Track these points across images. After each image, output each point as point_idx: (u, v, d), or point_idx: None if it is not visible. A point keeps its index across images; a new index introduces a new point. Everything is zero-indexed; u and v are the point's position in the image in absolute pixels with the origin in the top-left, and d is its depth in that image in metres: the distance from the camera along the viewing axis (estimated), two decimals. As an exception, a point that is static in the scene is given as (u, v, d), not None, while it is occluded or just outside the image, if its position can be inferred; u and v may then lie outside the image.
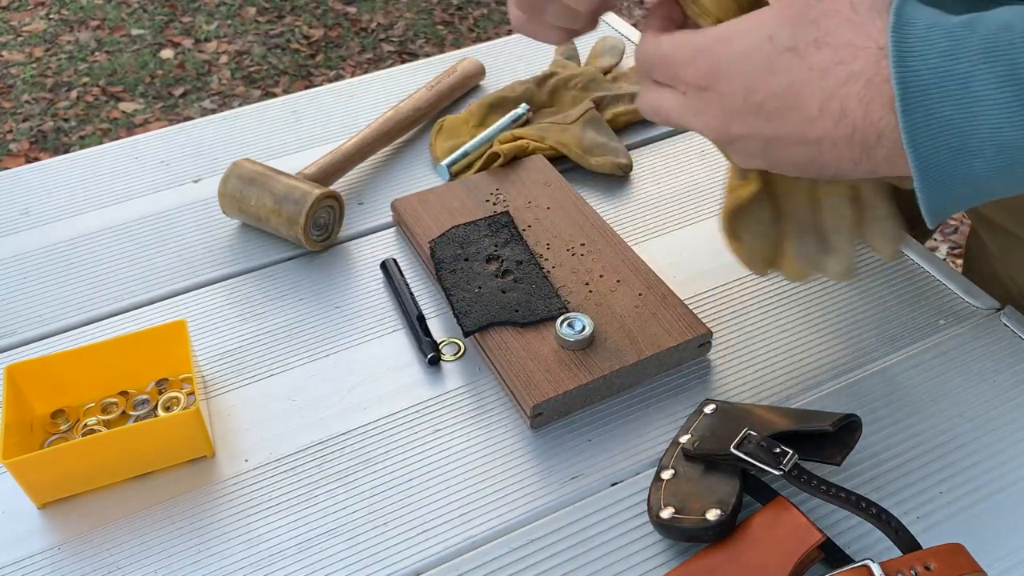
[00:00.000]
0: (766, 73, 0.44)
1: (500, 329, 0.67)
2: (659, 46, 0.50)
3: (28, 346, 0.70)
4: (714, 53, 0.46)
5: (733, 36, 0.46)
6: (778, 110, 0.45)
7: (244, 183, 0.76)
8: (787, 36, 0.43)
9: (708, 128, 0.48)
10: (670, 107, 0.50)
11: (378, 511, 0.59)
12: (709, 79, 0.47)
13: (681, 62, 0.48)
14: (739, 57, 0.45)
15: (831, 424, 0.55)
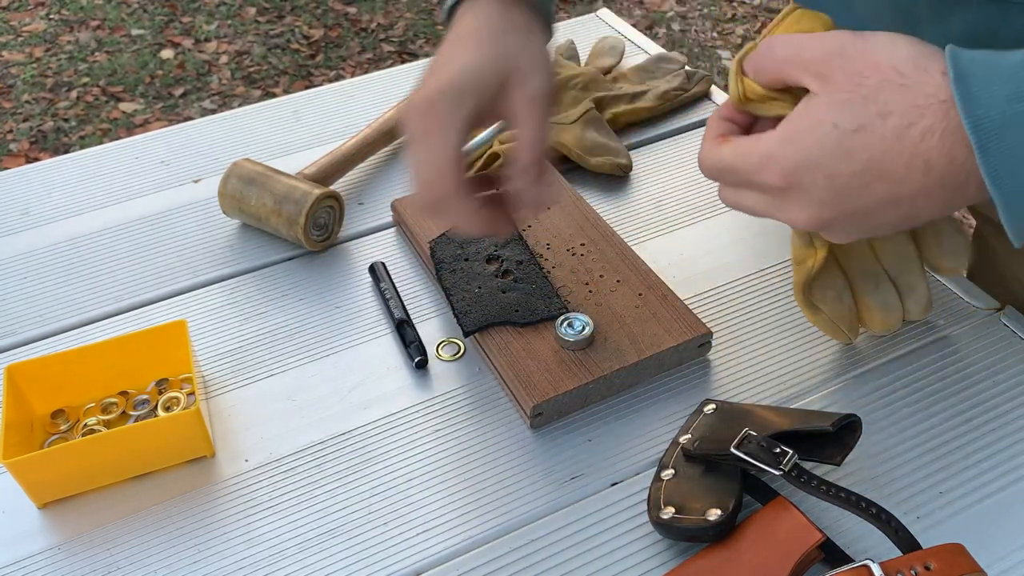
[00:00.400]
0: (843, 158, 0.46)
1: (500, 329, 0.67)
2: (722, 158, 0.51)
3: (28, 346, 0.70)
4: (784, 156, 0.48)
5: (796, 135, 0.47)
6: (865, 185, 0.46)
7: (244, 183, 0.76)
8: (850, 118, 0.45)
9: (799, 221, 0.50)
10: (753, 205, 0.52)
11: (378, 511, 0.59)
12: (787, 180, 0.48)
13: (751, 170, 0.50)
14: (811, 152, 0.47)
15: (831, 424, 0.55)
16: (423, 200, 0.57)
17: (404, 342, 0.68)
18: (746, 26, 2.91)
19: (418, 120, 0.55)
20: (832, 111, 0.46)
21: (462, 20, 0.58)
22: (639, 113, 0.91)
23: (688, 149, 0.89)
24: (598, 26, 1.07)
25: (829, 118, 0.46)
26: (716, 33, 2.89)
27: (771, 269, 0.75)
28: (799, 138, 0.47)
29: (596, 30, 1.06)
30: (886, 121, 0.45)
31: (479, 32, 0.57)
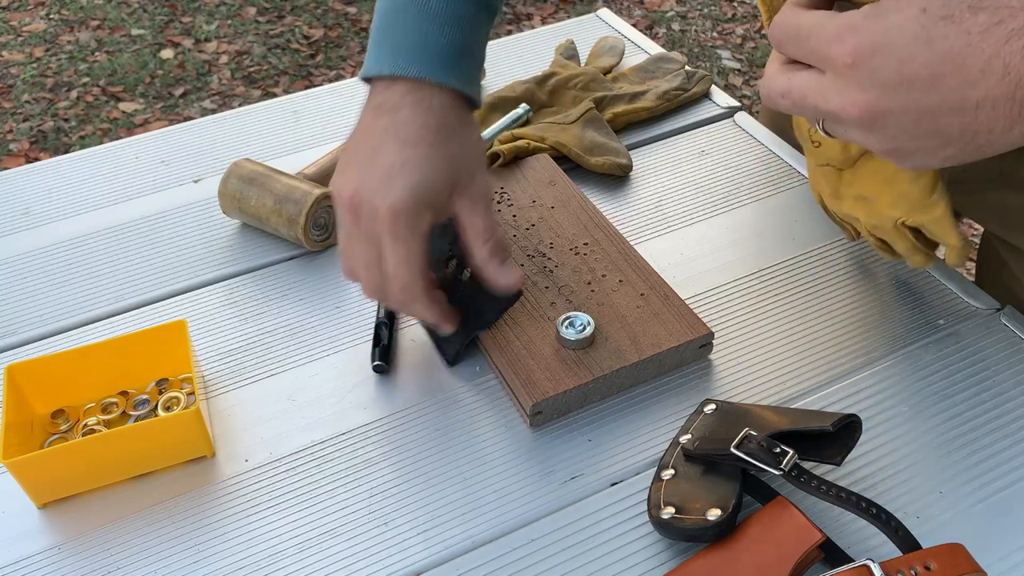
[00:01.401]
0: (922, 44, 0.43)
1: (501, 328, 0.67)
2: (800, 21, 0.48)
3: (28, 346, 0.70)
4: (864, 28, 0.45)
5: (883, 12, 0.45)
6: (936, 78, 0.44)
7: (244, 183, 0.76)
8: (940, 4, 0.43)
9: (854, 104, 0.46)
10: (805, 86, 0.49)
11: (378, 511, 0.59)
12: (859, 55, 0.45)
13: (827, 39, 0.47)
14: (893, 31, 0.44)
15: (831, 424, 0.55)
16: (397, 300, 0.61)
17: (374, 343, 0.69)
18: (746, 26, 2.91)
19: (386, 225, 0.58)
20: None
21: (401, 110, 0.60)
22: (639, 113, 0.91)
23: (688, 149, 0.89)
24: (598, 26, 1.07)
25: (919, 2, 0.44)
26: (716, 33, 2.89)
27: (771, 269, 0.75)
28: (884, 15, 0.45)
29: (596, 30, 1.06)
30: (976, 15, 0.42)
31: (426, 137, 0.60)
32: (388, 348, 0.68)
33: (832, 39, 0.46)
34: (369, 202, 0.59)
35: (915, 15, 0.44)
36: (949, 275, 0.74)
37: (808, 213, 0.80)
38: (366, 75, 0.62)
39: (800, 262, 0.76)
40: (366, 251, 0.60)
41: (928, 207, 0.62)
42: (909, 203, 0.63)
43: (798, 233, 0.79)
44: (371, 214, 0.59)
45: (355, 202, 0.59)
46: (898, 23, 0.44)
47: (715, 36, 2.87)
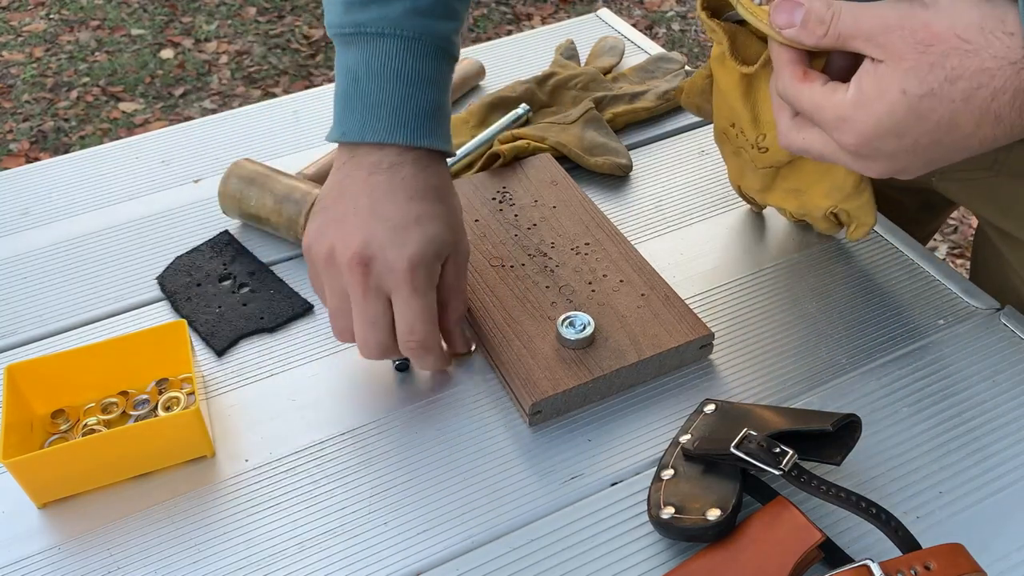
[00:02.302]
0: (914, 120, 0.47)
1: (501, 327, 0.67)
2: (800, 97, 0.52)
3: (28, 346, 0.70)
4: (857, 121, 0.49)
5: (867, 101, 0.48)
6: (934, 142, 0.48)
7: (244, 183, 0.76)
8: (918, 85, 0.46)
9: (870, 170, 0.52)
10: (823, 150, 0.53)
11: (378, 511, 0.59)
12: (860, 144, 0.50)
13: (827, 124, 0.51)
14: (883, 117, 0.48)
15: (831, 424, 0.55)
16: (413, 353, 0.61)
17: None
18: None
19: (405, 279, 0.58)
20: (899, 78, 0.47)
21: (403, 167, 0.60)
22: (639, 113, 0.91)
23: (688, 149, 0.89)
24: (598, 26, 1.07)
25: (897, 85, 0.47)
26: (716, 33, 2.88)
27: (771, 269, 0.75)
28: (870, 104, 0.48)
29: (596, 30, 1.06)
30: (955, 85, 0.45)
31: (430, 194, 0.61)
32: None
33: (834, 127, 0.50)
34: (382, 257, 0.58)
35: (898, 98, 0.47)
36: (949, 275, 0.74)
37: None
38: (347, 139, 0.61)
39: (800, 262, 0.76)
40: (374, 307, 0.59)
41: (858, 194, 0.68)
42: (842, 193, 0.68)
43: (798, 233, 0.79)
44: (385, 268, 0.58)
45: (364, 258, 0.58)
46: (885, 109, 0.48)
47: (715, 36, 2.87)
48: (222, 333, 0.70)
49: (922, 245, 0.78)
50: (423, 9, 0.60)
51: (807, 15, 0.50)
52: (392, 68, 0.60)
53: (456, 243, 0.62)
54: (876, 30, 0.48)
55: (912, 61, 0.46)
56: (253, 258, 0.76)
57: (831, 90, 0.50)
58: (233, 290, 0.73)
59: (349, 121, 0.61)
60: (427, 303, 0.59)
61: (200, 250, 0.77)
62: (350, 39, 0.61)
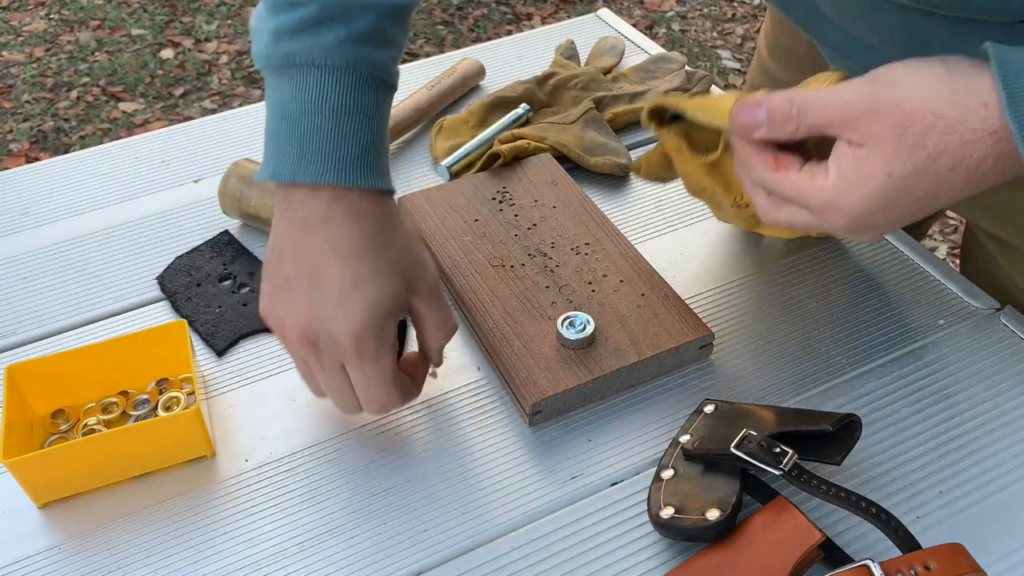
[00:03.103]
0: (902, 195, 0.47)
1: (501, 327, 0.67)
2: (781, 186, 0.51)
3: (28, 346, 0.70)
4: (846, 205, 0.49)
5: (853, 185, 0.48)
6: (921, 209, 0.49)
7: (244, 183, 0.76)
8: (902, 166, 0.46)
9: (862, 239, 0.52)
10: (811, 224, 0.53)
11: (378, 511, 0.59)
12: (851, 226, 0.50)
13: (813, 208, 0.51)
14: (869, 200, 0.48)
15: (831, 424, 0.55)
16: (378, 410, 0.59)
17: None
18: (746, 26, 2.91)
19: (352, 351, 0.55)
20: (882, 162, 0.47)
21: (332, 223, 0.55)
22: (639, 113, 0.91)
23: (688, 149, 0.89)
24: (598, 26, 1.07)
25: (882, 169, 0.47)
26: (716, 33, 2.89)
27: (771, 269, 0.75)
28: (856, 188, 0.48)
29: (596, 30, 1.06)
30: (939, 160, 0.46)
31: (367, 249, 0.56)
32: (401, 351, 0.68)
33: (822, 211, 0.50)
34: (326, 333, 0.55)
35: (884, 181, 0.47)
36: (949, 275, 0.74)
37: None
38: (278, 179, 0.57)
39: (800, 262, 0.76)
40: (334, 378, 0.57)
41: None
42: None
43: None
44: (331, 343, 0.55)
45: (310, 337, 0.55)
46: (872, 191, 0.48)
47: (715, 36, 2.87)
48: (222, 333, 0.70)
49: (921, 244, 0.78)
50: (358, 37, 0.56)
51: (772, 113, 0.50)
52: (325, 102, 0.56)
53: (413, 282, 0.58)
54: (849, 117, 0.48)
55: (893, 144, 0.46)
56: (253, 258, 0.76)
57: (810, 175, 0.50)
58: (233, 290, 0.73)
59: (280, 159, 0.56)
60: (379, 369, 0.56)
61: (200, 250, 0.77)
62: (280, 71, 0.57)
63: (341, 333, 0.55)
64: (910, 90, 0.46)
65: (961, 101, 0.45)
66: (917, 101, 0.46)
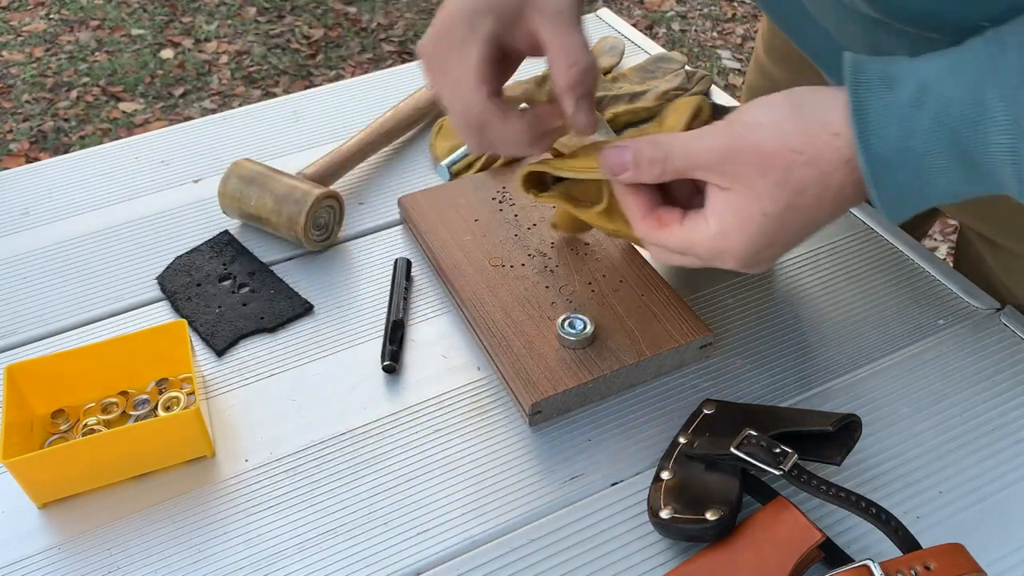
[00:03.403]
0: (781, 229, 0.50)
1: (501, 328, 0.67)
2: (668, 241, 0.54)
3: (28, 346, 0.70)
4: (731, 249, 0.51)
5: (731, 230, 0.51)
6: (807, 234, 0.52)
7: (244, 183, 0.76)
8: (773, 205, 0.49)
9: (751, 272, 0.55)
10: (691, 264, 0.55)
11: (378, 511, 0.59)
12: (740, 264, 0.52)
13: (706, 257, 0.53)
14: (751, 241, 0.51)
15: (831, 424, 0.55)
16: (461, 126, 0.55)
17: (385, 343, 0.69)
18: (746, 26, 2.91)
19: (431, 48, 0.54)
20: (754, 203, 0.49)
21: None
22: (639, 113, 0.91)
23: (688, 149, 0.89)
24: (598, 26, 1.07)
25: (756, 209, 0.49)
26: (716, 33, 2.89)
27: (771, 269, 0.75)
28: (737, 232, 0.50)
29: (596, 30, 1.06)
30: (805, 194, 0.49)
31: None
32: (399, 349, 0.68)
33: (711, 258, 0.53)
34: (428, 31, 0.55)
35: (761, 220, 0.50)
36: (949, 275, 0.74)
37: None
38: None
39: (800, 262, 0.76)
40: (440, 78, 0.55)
41: None
42: None
43: (798, 233, 0.79)
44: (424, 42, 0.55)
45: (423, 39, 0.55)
46: (753, 232, 0.50)
47: (715, 36, 2.87)
48: (222, 333, 0.70)
49: (921, 244, 0.78)
50: None
51: (637, 156, 0.52)
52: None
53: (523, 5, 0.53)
54: (713, 161, 0.50)
55: (760, 186, 0.49)
56: (253, 258, 0.76)
57: (692, 228, 0.52)
58: (233, 290, 0.73)
59: None
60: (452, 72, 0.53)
61: (200, 250, 0.77)
62: None
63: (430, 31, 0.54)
64: (767, 131, 0.49)
65: (813, 132, 0.48)
66: (775, 140, 0.48)
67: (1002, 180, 0.46)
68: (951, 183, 0.47)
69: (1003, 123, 0.43)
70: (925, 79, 0.45)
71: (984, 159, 0.45)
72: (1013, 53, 0.43)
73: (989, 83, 0.43)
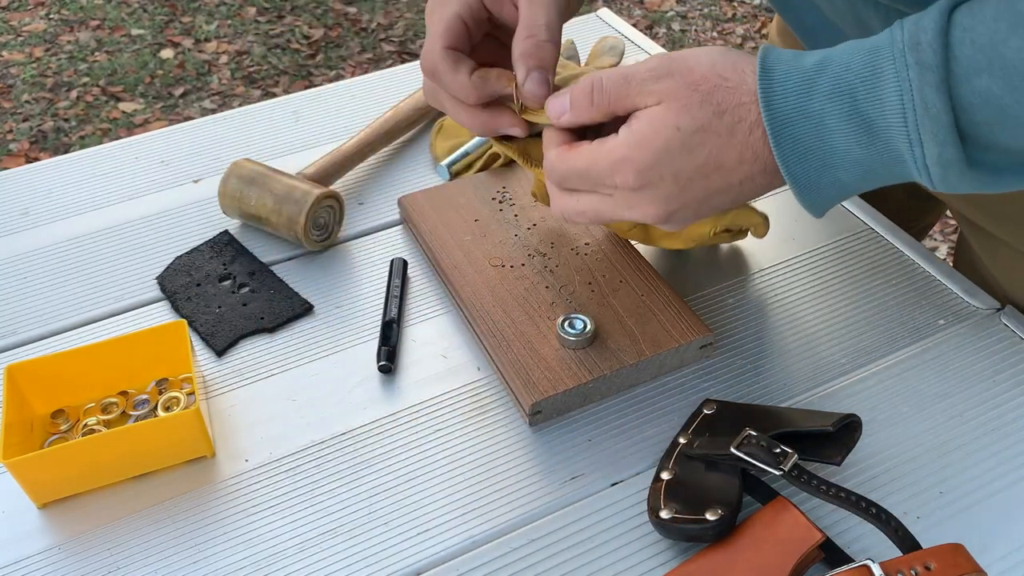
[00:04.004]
0: (687, 154, 0.51)
1: (501, 328, 0.67)
2: (573, 164, 0.54)
3: (28, 346, 0.70)
4: (636, 159, 0.51)
5: (644, 140, 0.51)
6: (704, 176, 0.52)
7: (244, 183, 0.76)
8: (690, 120, 0.50)
9: (647, 216, 0.54)
10: (599, 208, 0.55)
11: (378, 511, 0.59)
12: (640, 181, 0.52)
13: (604, 173, 0.53)
14: (660, 152, 0.51)
15: (831, 424, 0.55)
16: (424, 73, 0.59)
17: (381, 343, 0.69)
18: (746, 26, 2.91)
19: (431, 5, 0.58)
20: (673, 116, 0.50)
21: None
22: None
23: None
24: (598, 26, 1.07)
25: (672, 122, 0.50)
26: (716, 33, 2.89)
27: (771, 269, 0.75)
28: (647, 142, 0.51)
29: (596, 30, 1.06)
30: (721, 119, 0.50)
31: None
32: (395, 349, 0.68)
33: (612, 172, 0.52)
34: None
35: (672, 134, 0.51)
36: (949, 275, 0.74)
37: (808, 213, 0.80)
38: None
39: (800, 262, 0.76)
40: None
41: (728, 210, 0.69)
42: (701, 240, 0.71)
43: (798, 233, 0.79)
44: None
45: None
46: (662, 145, 0.51)
47: (715, 36, 2.87)
48: (222, 333, 0.70)
49: (921, 244, 0.78)
50: None
51: (574, 96, 0.54)
52: None
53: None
54: (648, 81, 0.51)
55: (685, 99, 0.50)
56: (253, 258, 0.76)
57: (600, 143, 0.53)
58: (233, 290, 0.73)
59: None
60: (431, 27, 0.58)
61: (200, 250, 0.77)
62: None
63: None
64: (700, 58, 0.51)
65: (740, 67, 0.50)
66: (707, 65, 0.51)
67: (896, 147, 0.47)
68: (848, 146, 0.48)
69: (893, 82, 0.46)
70: (830, 53, 0.49)
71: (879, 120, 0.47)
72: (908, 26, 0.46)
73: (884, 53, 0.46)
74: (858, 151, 0.48)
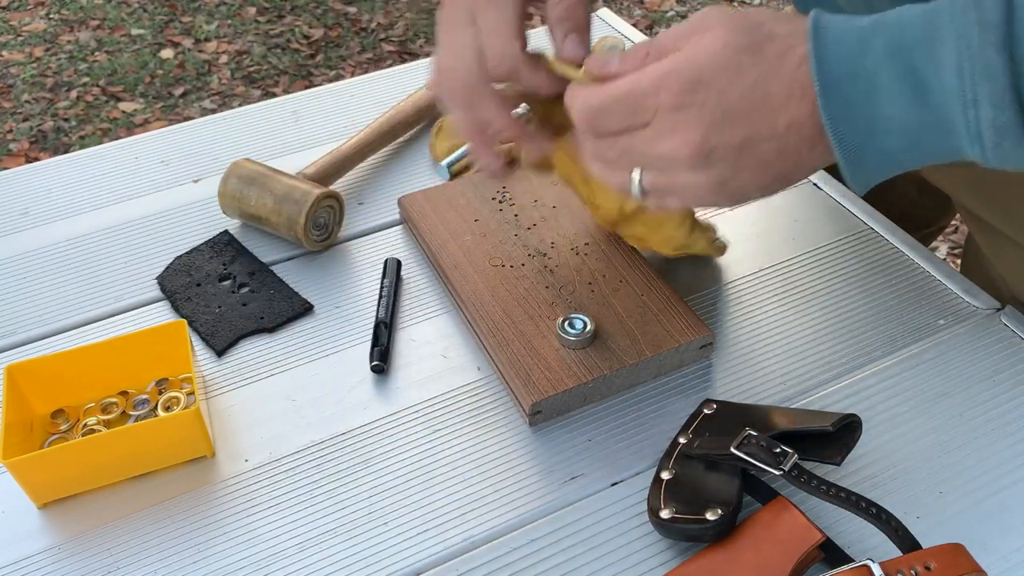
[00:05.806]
0: (733, 74, 0.48)
1: (501, 328, 0.67)
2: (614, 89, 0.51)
3: (28, 346, 0.70)
4: (680, 71, 0.49)
5: (690, 55, 0.49)
6: (749, 109, 0.48)
7: (244, 183, 0.76)
8: (739, 38, 0.48)
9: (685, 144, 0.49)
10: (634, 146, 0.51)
11: (378, 511, 0.59)
12: (683, 94, 0.49)
13: (645, 92, 0.50)
14: (704, 68, 0.48)
15: (831, 424, 0.55)
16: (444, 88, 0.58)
17: (373, 343, 0.69)
18: (746, 26, 2.91)
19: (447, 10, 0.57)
20: (723, 34, 0.48)
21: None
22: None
23: (688, 149, 0.89)
24: (598, 26, 1.07)
25: (720, 39, 0.48)
26: (716, 33, 2.88)
27: (771, 269, 0.75)
28: (693, 57, 0.49)
29: (596, 30, 1.06)
30: (772, 42, 0.48)
31: None
32: (387, 348, 0.68)
33: (654, 90, 0.49)
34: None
35: (719, 50, 0.48)
36: (949, 275, 0.74)
37: (808, 213, 0.80)
38: None
39: (800, 262, 0.76)
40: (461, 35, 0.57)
41: (691, 243, 0.71)
42: (676, 243, 0.70)
43: (798, 233, 0.79)
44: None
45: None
46: (707, 61, 0.48)
47: (715, 36, 2.87)
48: (222, 333, 0.70)
49: (921, 244, 0.78)
50: None
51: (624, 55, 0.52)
52: None
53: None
54: (695, 21, 0.50)
55: (736, 22, 0.49)
56: (253, 258, 0.76)
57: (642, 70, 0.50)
58: (233, 290, 0.73)
59: None
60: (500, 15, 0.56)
61: (200, 250, 0.77)
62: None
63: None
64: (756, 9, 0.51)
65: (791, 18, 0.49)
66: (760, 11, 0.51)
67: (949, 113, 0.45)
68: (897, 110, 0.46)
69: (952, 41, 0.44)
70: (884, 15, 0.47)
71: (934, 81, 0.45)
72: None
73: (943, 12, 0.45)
74: (907, 116, 0.46)
